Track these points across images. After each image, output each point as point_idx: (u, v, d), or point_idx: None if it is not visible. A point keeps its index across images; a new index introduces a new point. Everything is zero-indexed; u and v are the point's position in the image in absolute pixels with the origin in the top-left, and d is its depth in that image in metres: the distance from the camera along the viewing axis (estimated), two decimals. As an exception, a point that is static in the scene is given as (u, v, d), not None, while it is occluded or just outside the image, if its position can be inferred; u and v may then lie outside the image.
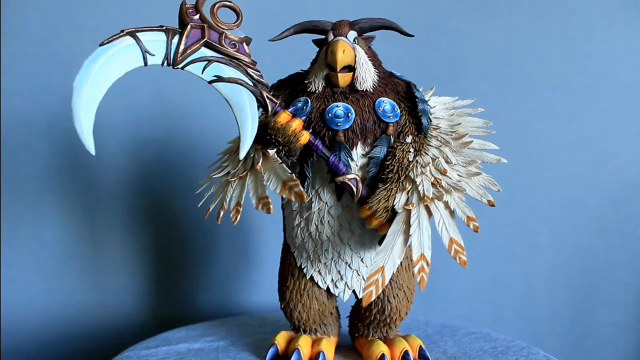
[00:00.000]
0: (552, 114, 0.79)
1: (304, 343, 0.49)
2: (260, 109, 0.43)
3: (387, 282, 0.41)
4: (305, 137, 0.43)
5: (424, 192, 0.42)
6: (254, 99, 0.42)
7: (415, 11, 0.77)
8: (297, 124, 0.43)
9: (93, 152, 0.37)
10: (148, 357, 0.51)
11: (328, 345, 0.49)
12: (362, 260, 0.48)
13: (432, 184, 0.42)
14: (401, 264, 0.48)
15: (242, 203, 0.43)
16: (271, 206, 0.41)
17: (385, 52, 0.50)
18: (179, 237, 0.76)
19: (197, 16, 0.41)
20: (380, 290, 0.42)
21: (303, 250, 0.49)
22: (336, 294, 0.49)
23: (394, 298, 0.48)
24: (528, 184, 0.80)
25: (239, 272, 0.78)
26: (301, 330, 0.51)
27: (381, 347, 0.47)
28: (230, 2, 0.42)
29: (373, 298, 0.41)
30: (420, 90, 0.48)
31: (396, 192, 0.43)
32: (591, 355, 0.81)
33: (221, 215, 0.45)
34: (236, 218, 0.43)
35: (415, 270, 0.41)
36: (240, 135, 0.41)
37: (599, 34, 0.79)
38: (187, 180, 0.75)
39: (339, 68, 0.44)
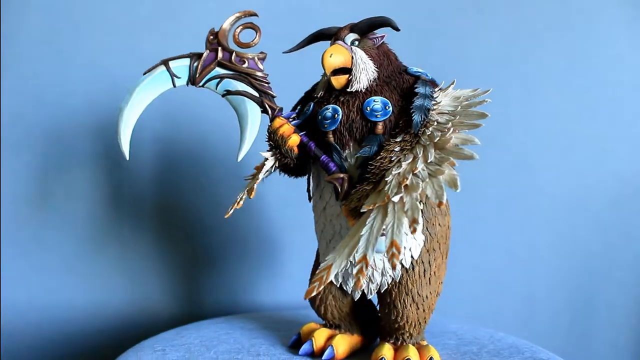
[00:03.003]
0: (552, 114, 0.79)
1: (320, 335, 0.50)
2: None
3: (330, 279, 0.41)
4: (293, 139, 0.46)
5: (388, 192, 0.41)
6: (258, 108, 0.47)
7: (415, 11, 0.78)
8: (286, 128, 0.47)
9: (127, 158, 0.47)
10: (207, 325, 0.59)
11: (341, 341, 0.49)
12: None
13: (399, 183, 0.41)
14: (413, 268, 0.47)
15: (239, 201, 0.47)
16: (239, 202, 0.47)
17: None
18: (181, 237, 0.76)
19: (216, 41, 0.48)
20: (322, 287, 0.41)
21: (320, 246, 0.51)
22: (348, 292, 0.49)
23: (400, 303, 0.47)
24: (528, 183, 0.80)
25: (257, 271, 0.78)
26: (327, 324, 0.52)
27: (384, 351, 0.47)
28: (251, 22, 0.49)
29: (314, 293, 0.41)
30: (441, 84, 0.46)
31: (369, 192, 0.43)
32: (591, 355, 0.81)
33: (230, 212, 0.47)
34: (229, 213, 0.47)
35: (355, 271, 0.40)
36: (240, 141, 0.47)
37: (599, 33, 0.79)
38: (188, 177, 0.75)
39: (328, 72, 0.45)
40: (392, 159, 0.43)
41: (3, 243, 0.71)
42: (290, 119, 0.48)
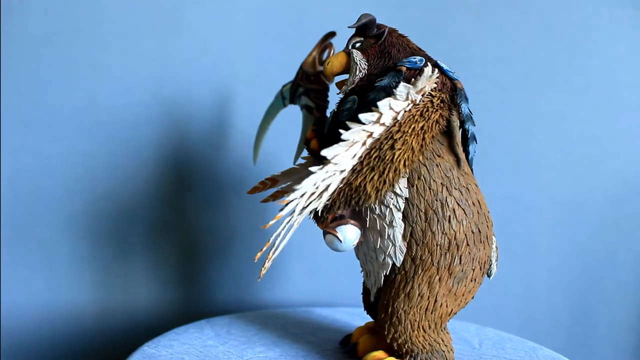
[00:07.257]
0: (552, 114, 0.79)
1: (358, 330, 0.53)
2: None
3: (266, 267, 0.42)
4: (312, 142, 0.50)
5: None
6: (311, 118, 0.54)
7: (415, 11, 0.77)
8: (309, 133, 0.51)
9: (255, 163, 0.63)
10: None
11: (366, 341, 0.49)
12: (365, 262, 0.47)
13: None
14: (394, 277, 0.43)
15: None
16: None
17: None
18: (182, 237, 0.76)
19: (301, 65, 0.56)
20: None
21: None
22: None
23: (378, 311, 0.45)
24: (528, 183, 0.80)
25: (257, 271, 0.78)
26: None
27: (369, 356, 0.46)
28: (328, 43, 0.55)
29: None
30: (429, 74, 0.43)
31: None
32: (591, 355, 0.81)
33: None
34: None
35: (264, 265, 0.42)
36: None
37: (599, 33, 0.79)
38: (188, 177, 0.75)
39: (331, 78, 0.47)
40: None
41: (3, 243, 0.71)
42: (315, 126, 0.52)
